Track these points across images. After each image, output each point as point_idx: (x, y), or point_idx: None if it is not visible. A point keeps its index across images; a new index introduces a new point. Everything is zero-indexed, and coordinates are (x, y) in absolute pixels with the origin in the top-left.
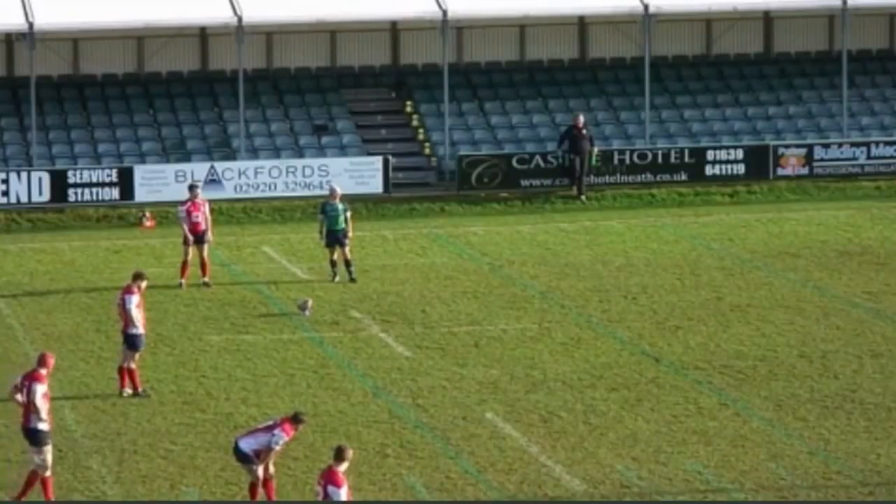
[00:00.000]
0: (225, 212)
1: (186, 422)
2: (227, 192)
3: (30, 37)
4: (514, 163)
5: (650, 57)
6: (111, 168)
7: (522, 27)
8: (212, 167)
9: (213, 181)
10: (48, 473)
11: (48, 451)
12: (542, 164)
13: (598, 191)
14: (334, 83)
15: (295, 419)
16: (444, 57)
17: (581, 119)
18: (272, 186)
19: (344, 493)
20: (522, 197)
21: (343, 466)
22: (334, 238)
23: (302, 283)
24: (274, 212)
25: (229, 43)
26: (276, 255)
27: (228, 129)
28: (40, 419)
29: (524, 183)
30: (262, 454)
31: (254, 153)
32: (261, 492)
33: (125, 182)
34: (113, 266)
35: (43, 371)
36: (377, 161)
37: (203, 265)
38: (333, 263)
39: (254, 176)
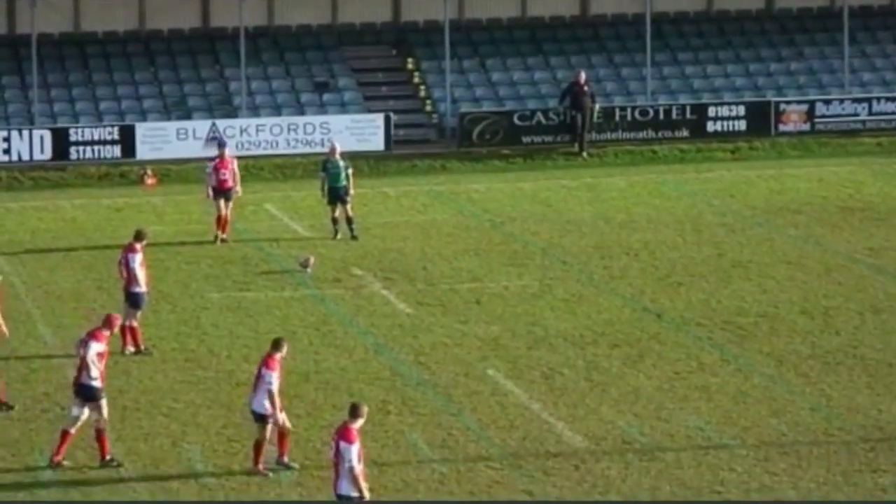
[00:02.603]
0: None
1: (188, 379)
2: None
3: None
4: (515, 120)
5: (651, 13)
6: (113, 126)
7: None
8: (213, 125)
9: (214, 139)
10: (72, 430)
11: (103, 406)
12: (543, 120)
13: (599, 147)
14: (335, 40)
15: (273, 346)
16: (445, 14)
17: (582, 76)
18: (274, 144)
19: (355, 450)
20: (524, 154)
21: (357, 423)
22: (336, 195)
23: (303, 240)
24: (275, 169)
25: (230, 0)
26: (277, 212)
27: (230, 86)
28: (90, 376)
29: (525, 140)
30: (273, 403)
31: (255, 111)
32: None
33: (127, 140)
34: (115, 224)
35: (105, 332)
36: (378, 118)
37: (225, 221)
38: (335, 221)
39: (255, 133)
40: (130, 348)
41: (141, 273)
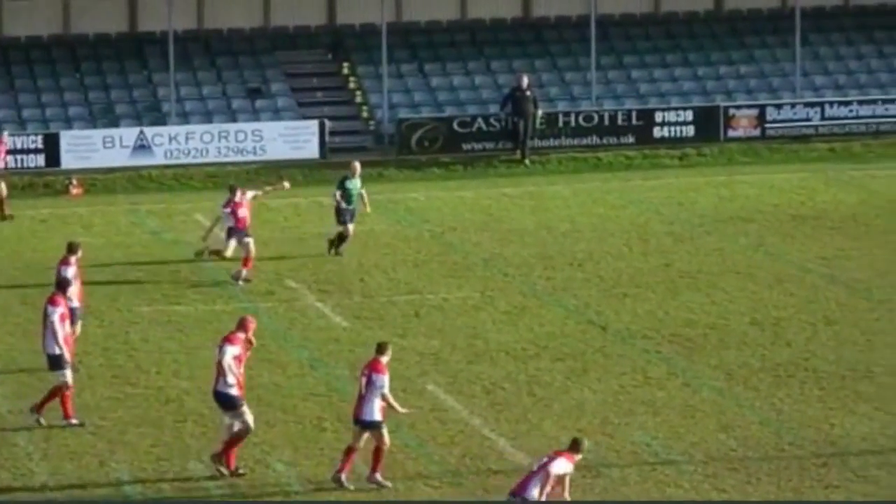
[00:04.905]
0: (155, 179)
1: (116, 396)
2: (158, 158)
3: None
4: (455, 126)
5: (596, 15)
6: (36, 134)
7: None
8: (141, 132)
9: (142, 147)
10: (232, 436)
11: (246, 413)
12: (484, 127)
13: (542, 154)
14: (268, 44)
15: (378, 350)
16: (382, 16)
17: (525, 80)
18: (204, 152)
19: (562, 466)
20: (464, 161)
21: (577, 457)
22: (350, 214)
23: (236, 251)
24: (206, 178)
25: (159, 3)
26: (208, 222)
27: (158, 92)
28: (227, 383)
29: (466, 147)
30: (391, 404)
31: (185, 118)
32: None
33: (51, 148)
34: (39, 236)
35: (240, 335)
36: (313, 125)
37: (247, 259)
38: (338, 240)
39: (185, 141)
40: None
41: (75, 286)
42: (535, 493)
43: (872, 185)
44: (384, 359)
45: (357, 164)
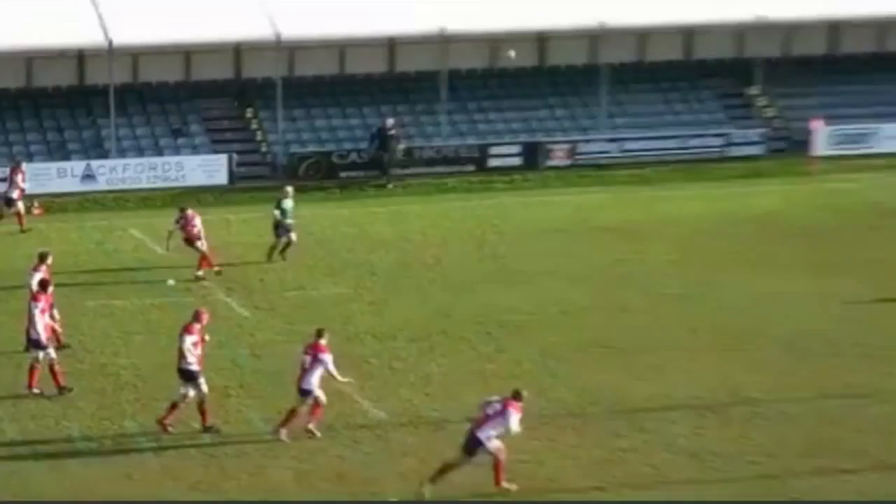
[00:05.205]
0: (99, 201)
1: (68, 371)
2: (101, 185)
3: None
4: (334, 158)
5: (446, 70)
6: (4, 167)
7: (342, 47)
8: (88, 164)
9: (88, 176)
10: (181, 404)
11: (202, 384)
12: (357, 159)
13: (402, 180)
14: (189, 94)
15: (318, 335)
16: (278, 72)
17: (389, 122)
18: (138, 180)
19: (517, 420)
20: (341, 186)
21: (520, 404)
22: (287, 229)
23: (163, 258)
24: (139, 201)
25: (102, 62)
26: (141, 235)
27: (101, 133)
28: (187, 362)
29: (343, 175)
30: (335, 376)
31: (123, 153)
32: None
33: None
34: (8, 246)
35: (196, 325)
36: (223, 158)
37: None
38: (275, 249)
39: (122, 171)
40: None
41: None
42: (492, 433)
43: (659, 205)
44: (323, 341)
45: (290, 188)
